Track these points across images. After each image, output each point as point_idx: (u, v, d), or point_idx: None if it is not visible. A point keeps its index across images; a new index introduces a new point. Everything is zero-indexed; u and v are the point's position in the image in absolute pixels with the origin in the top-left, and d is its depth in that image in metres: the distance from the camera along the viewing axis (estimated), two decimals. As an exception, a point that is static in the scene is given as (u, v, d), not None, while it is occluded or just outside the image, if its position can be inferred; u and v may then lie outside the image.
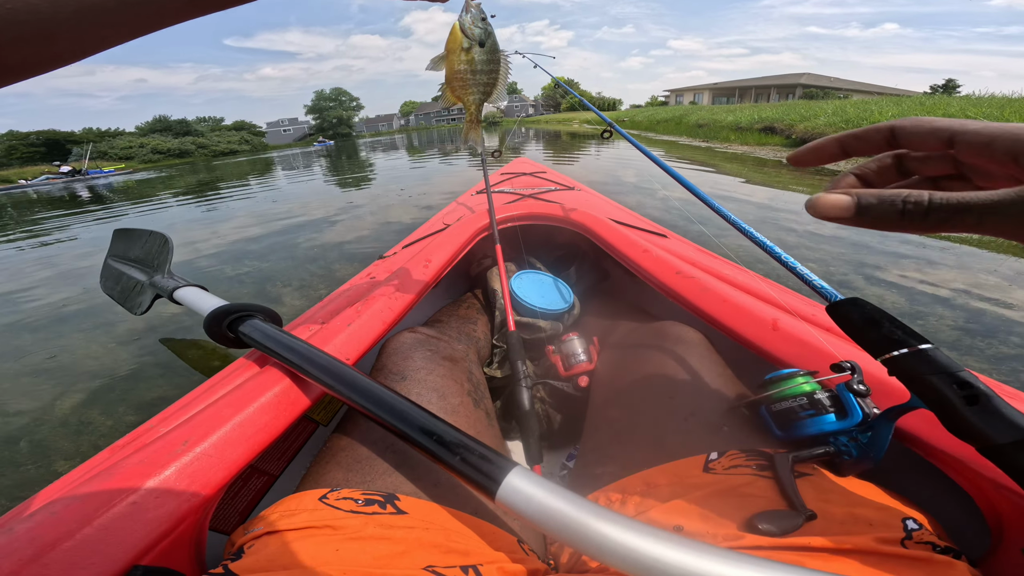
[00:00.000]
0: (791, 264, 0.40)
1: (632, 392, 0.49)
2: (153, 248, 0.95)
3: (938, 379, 0.26)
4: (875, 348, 0.29)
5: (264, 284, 2.04)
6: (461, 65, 0.39)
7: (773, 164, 5.01)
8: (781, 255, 0.41)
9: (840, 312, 0.32)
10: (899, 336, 0.28)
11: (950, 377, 0.26)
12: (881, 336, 0.29)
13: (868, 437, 0.32)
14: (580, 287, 0.92)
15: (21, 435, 1.09)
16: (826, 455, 0.34)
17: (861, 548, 0.27)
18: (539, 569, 0.35)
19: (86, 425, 1.12)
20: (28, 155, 30.60)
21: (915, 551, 0.27)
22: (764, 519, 0.30)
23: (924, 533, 0.28)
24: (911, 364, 0.27)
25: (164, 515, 0.30)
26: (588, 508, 0.27)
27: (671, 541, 0.24)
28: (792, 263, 0.40)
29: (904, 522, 0.29)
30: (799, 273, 0.38)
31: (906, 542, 0.28)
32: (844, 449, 0.34)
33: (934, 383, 0.26)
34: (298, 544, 0.30)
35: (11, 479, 0.96)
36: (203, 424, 0.35)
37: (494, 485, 0.29)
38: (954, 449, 0.32)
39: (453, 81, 0.40)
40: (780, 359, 0.44)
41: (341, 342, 0.48)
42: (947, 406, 0.26)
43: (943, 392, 0.26)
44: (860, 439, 0.33)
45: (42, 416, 1.17)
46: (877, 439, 0.32)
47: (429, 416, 0.35)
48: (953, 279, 1.67)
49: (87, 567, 0.26)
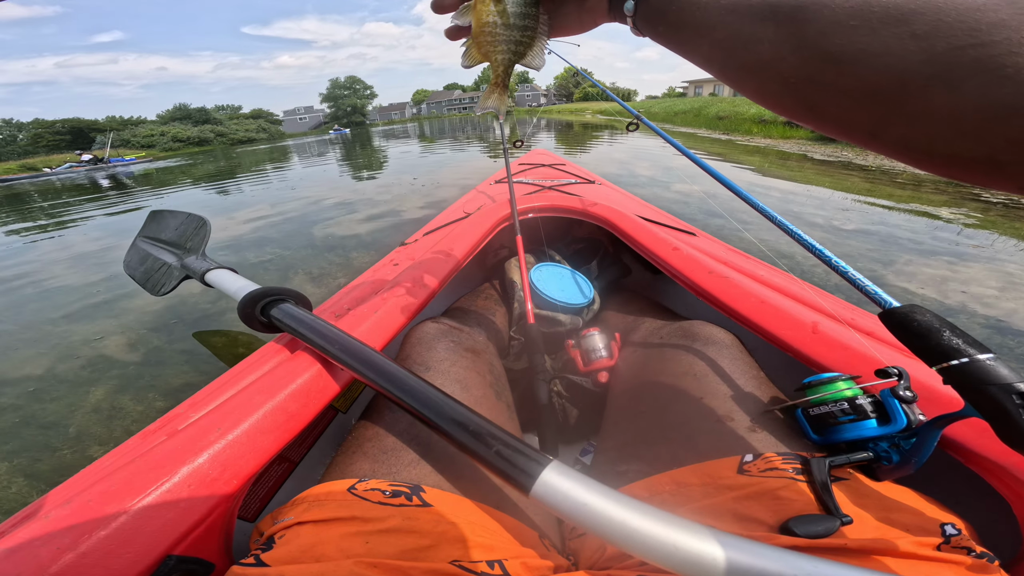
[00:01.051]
0: (842, 268, 0.38)
1: (659, 391, 0.48)
2: (188, 230, 0.96)
3: (997, 389, 0.26)
4: (932, 356, 0.29)
5: (287, 271, 2.07)
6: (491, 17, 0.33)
7: (797, 158, 4.84)
8: (832, 259, 0.40)
9: (896, 319, 0.31)
10: (959, 345, 0.28)
11: (1011, 388, 0.25)
12: (940, 344, 0.28)
13: (912, 444, 0.32)
14: (600, 282, 0.90)
15: (57, 421, 1.14)
16: (865, 460, 0.34)
17: (897, 551, 0.28)
18: (561, 565, 0.35)
19: (118, 411, 1.16)
20: (54, 143, 31.56)
21: (951, 555, 0.27)
22: (799, 523, 0.30)
23: (962, 539, 0.28)
24: (970, 373, 0.27)
25: (196, 504, 0.30)
26: (629, 504, 0.27)
27: (721, 539, 0.24)
28: (844, 267, 0.38)
29: (943, 527, 0.29)
30: (851, 278, 0.37)
31: (942, 546, 0.28)
32: (884, 455, 0.33)
33: (993, 394, 0.26)
34: (328, 534, 0.31)
35: (48, 464, 1.00)
36: (235, 411, 0.36)
37: (529, 480, 0.29)
38: (997, 456, 0.32)
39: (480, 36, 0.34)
40: (819, 363, 0.43)
41: (368, 329, 0.48)
42: (1005, 417, 0.25)
43: (1002, 403, 0.25)
44: (902, 445, 0.32)
45: (76, 402, 1.21)
46: (921, 446, 0.31)
47: (465, 409, 0.35)
48: (986, 276, 1.62)
49: (122, 556, 0.27)
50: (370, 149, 10.15)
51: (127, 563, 0.26)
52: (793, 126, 7.50)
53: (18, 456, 1.02)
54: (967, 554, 0.27)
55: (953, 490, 0.37)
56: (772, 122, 7.99)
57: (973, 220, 2.33)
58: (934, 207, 2.61)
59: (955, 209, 2.53)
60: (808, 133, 6.99)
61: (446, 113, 63.41)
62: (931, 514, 0.30)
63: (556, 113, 25.37)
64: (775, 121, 7.95)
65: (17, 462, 1.00)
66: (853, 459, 0.34)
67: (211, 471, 0.32)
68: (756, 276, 0.61)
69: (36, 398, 1.24)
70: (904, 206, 2.65)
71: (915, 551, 0.27)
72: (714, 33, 0.22)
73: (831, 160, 4.58)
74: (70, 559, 0.25)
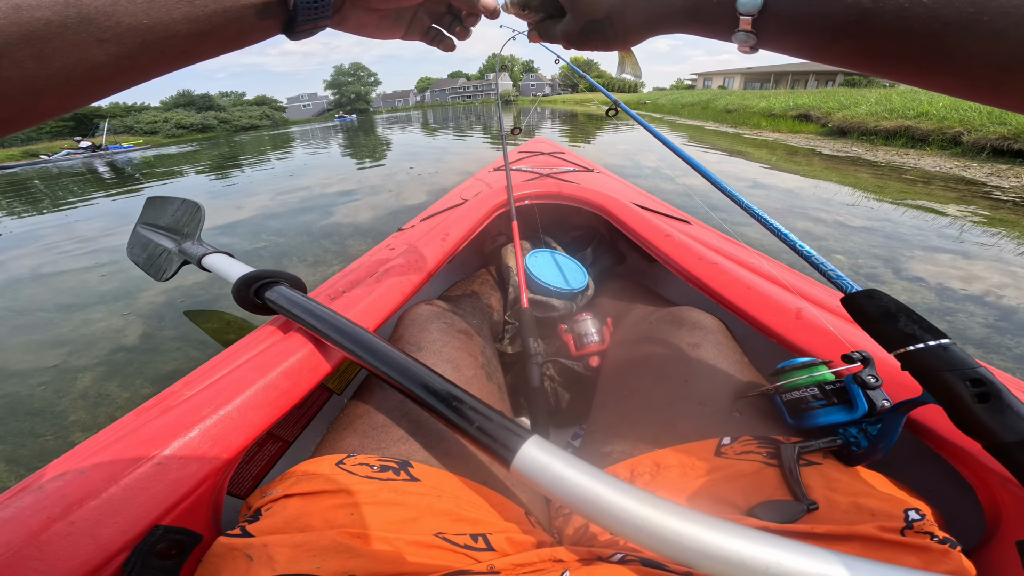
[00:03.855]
0: (804, 251, 0.38)
1: (645, 374, 0.49)
2: (184, 216, 0.97)
3: (951, 376, 0.26)
4: (889, 342, 0.29)
5: (280, 259, 2.08)
6: None
7: (805, 152, 4.78)
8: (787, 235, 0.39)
9: (855, 304, 0.32)
10: (915, 331, 0.28)
11: (963, 374, 0.26)
12: (896, 330, 0.29)
13: (878, 429, 0.32)
14: (595, 269, 0.90)
15: (43, 407, 1.14)
16: (834, 445, 0.34)
17: (861, 535, 0.28)
18: (545, 541, 0.36)
19: (104, 397, 1.16)
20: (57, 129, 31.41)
21: (913, 539, 0.28)
22: (764, 509, 0.30)
23: (924, 524, 0.29)
24: (924, 360, 0.27)
25: (186, 476, 0.31)
26: (605, 480, 0.27)
27: (689, 516, 0.24)
28: (807, 251, 0.38)
29: (906, 512, 0.29)
30: (814, 261, 0.37)
31: (905, 531, 0.28)
32: (853, 440, 0.33)
33: (946, 379, 0.26)
34: (314, 507, 0.31)
35: (31, 449, 1.00)
36: (227, 388, 0.36)
37: (510, 454, 0.30)
38: (962, 442, 0.32)
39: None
40: (801, 348, 0.43)
41: (361, 310, 0.49)
42: (957, 403, 0.26)
43: (954, 389, 0.26)
44: (869, 431, 0.33)
45: (63, 387, 1.20)
46: (887, 432, 0.31)
47: (450, 384, 0.35)
48: (988, 275, 1.60)
49: (111, 525, 0.27)
50: (372, 137, 10.08)
51: (116, 532, 0.27)
52: (802, 120, 7.37)
53: (3, 442, 1.02)
54: (929, 539, 0.28)
55: (923, 475, 0.37)
56: (781, 116, 7.86)
57: (980, 218, 2.30)
58: (941, 203, 2.58)
59: (963, 207, 2.50)
60: (817, 128, 6.87)
61: (450, 101, 62.71)
62: (898, 499, 0.31)
63: (561, 103, 25.02)
64: (784, 115, 7.82)
65: (1, 448, 1.00)
66: (822, 445, 0.34)
67: (201, 445, 0.32)
68: (746, 263, 0.60)
69: (24, 384, 1.24)
70: (912, 202, 2.61)
71: (877, 535, 0.28)
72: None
73: (840, 155, 4.51)
74: (59, 528, 0.26)
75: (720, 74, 31.16)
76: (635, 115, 0.63)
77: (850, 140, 5.86)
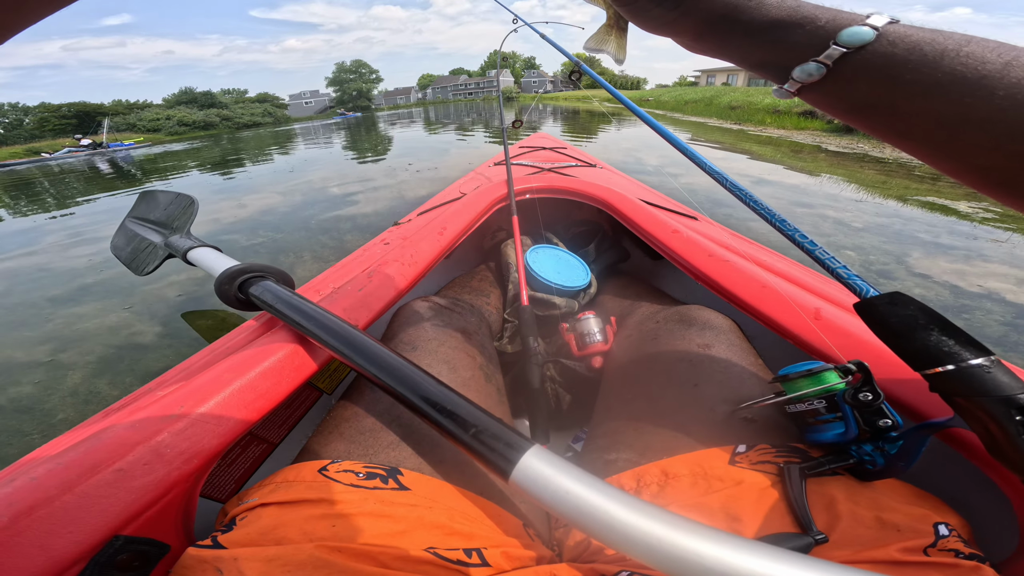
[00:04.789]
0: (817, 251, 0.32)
1: (652, 377, 0.46)
2: (176, 210, 0.95)
3: (991, 403, 0.22)
4: (916, 360, 0.24)
5: (277, 255, 2.06)
6: None
7: (810, 149, 4.72)
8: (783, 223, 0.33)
9: (873, 311, 0.26)
10: (950, 348, 0.23)
11: (1007, 401, 0.21)
12: (926, 346, 0.23)
13: (897, 448, 0.28)
14: (598, 266, 0.88)
15: (31, 404, 1.11)
16: (847, 464, 0.30)
17: (881, 559, 0.26)
18: (544, 555, 0.33)
19: (94, 395, 1.14)
20: (60, 127, 31.54)
21: (938, 558, 0.25)
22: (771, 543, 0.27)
23: (951, 540, 0.26)
24: (960, 382, 0.23)
25: (152, 483, 0.29)
26: (614, 495, 0.24)
27: (707, 535, 0.21)
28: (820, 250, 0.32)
29: (936, 527, 0.27)
30: (817, 256, 0.31)
31: (929, 549, 0.26)
32: (868, 459, 0.29)
33: (986, 406, 0.22)
34: (292, 517, 0.29)
35: (17, 448, 0.97)
36: (201, 388, 0.34)
37: (508, 465, 0.27)
38: None
39: None
40: (822, 352, 0.40)
41: (351, 306, 0.46)
42: (999, 435, 0.22)
43: (997, 419, 0.22)
44: (887, 449, 0.29)
45: (53, 385, 1.18)
46: (907, 452, 0.28)
47: (443, 388, 0.33)
48: (1004, 272, 1.57)
49: (63, 535, 0.25)
50: (374, 133, 10.06)
51: (69, 543, 0.25)
52: (807, 117, 7.30)
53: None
54: (954, 556, 0.25)
55: (955, 484, 0.34)
56: (786, 112, 7.78)
57: (992, 214, 2.26)
58: (951, 200, 2.53)
59: (974, 203, 2.45)
60: (822, 124, 6.80)
61: (451, 98, 62.54)
62: (925, 512, 0.28)
63: (563, 100, 24.90)
64: (789, 112, 7.74)
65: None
66: (832, 466, 0.30)
67: (170, 449, 0.30)
68: (759, 261, 0.58)
69: (13, 381, 1.22)
70: (921, 198, 2.57)
71: (899, 558, 0.25)
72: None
73: (846, 152, 4.45)
74: (2, 538, 0.24)
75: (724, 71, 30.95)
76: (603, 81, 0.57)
77: (856, 136, 5.80)
